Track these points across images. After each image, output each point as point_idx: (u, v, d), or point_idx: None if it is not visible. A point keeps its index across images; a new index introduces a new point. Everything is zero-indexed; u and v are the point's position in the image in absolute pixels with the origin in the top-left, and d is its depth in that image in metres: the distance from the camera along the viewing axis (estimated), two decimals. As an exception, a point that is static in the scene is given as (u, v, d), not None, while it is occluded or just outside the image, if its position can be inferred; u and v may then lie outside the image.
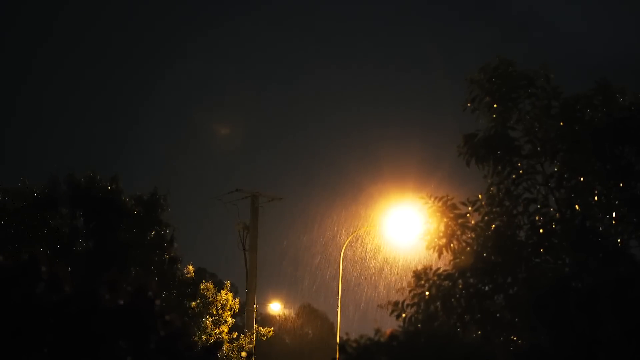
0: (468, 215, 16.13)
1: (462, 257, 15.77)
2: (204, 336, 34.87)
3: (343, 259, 41.33)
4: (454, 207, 16.10)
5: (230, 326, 36.91)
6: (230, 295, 36.84)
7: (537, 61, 16.95)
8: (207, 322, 35.58)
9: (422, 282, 15.63)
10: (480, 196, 16.24)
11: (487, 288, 15.59)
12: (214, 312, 36.14)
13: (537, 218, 15.95)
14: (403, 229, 38.94)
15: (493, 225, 15.94)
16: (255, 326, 38.67)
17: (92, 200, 31.14)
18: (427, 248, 16.23)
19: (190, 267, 34.44)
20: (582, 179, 16.22)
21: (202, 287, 35.67)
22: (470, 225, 16.04)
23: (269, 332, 38.81)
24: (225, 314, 36.37)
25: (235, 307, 37.40)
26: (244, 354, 36.19)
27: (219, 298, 36.28)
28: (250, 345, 37.52)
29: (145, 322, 9.02)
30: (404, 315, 15.62)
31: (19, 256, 8.74)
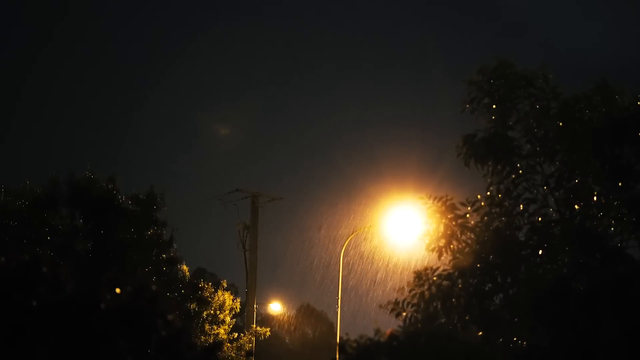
0: (468, 215, 16.16)
1: (462, 257, 15.80)
2: (202, 337, 34.80)
3: (343, 259, 41.36)
4: (453, 207, 16.13)
5: (231, 326, 36.84)
6: (227, 294, 36.72)
7: (535, 63, 17.01)
8: (205, 322, 35.47)
9: (422, 281, 15.67)
10: (479, 196, 16.27)
11: (487, 288, 15.62)
12: (211, 312, 36.07)
13: (536, 218, 15.99)
14: (403, 229, 38.93)
15: (493, 226, 15.97)
16: (253, 326, 38.64)
17: (90, 201, 31.14)
18: (427, 248, 16.26)
19: (185, 267, 34.31)
20: (581, 179, 16.25)
21: (204, 289, 35.59)
22: (469, 225, 16.06)
23: (266, 331, 38.79)
24: (223, 314, 36.28)
25: (237, 307, 37.33)
26: (243, 353, 36.17)
27: (216, 298, 36.20)
28: (250, 345, 37.51)
29: (146, 322, 9.04)
30: (404, 314, 15.65)
31: (21, 257, 8.76)
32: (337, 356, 11.67)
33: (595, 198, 16.14)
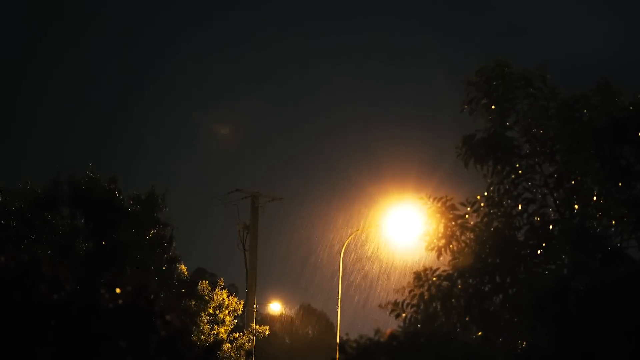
0: (467, 215, 16.16)
1: (461, 258, 15.80)
2: (202, 336, 34.82)
3: (343, 258, 41.37)
4: (453, 207, 16.13)
5: (232, 327, 36.84)
6: (225, 293, 36.70)
7: (534, 63, 17.03)
8: (204, 321, 35.48)
9: (422, 282, 15.67)
10: (479, 197, 16.27)
11: (486, 288, 15.62)
12: (211, 312, 36.08)
13: (536, 218, 15.99)
14: (403, 229, 38.95)
15: (492, 226, 15.97)
16: (252, 324, 38.65)
17: (91, 201, 31.18)
18: (427, 249, 16.27)
19: (183, 267, 34.34)
20: (581, 179, 16.25)
21: (199, 286, 35.61)
22: (469, 225, 16.07)
23: (265, 330, 38.81)
24: (222, 314, 36.27)
25: (239, 308, 37.33)
26: (243, 353, 36.16)
27: (215, 297, 36.18)
28: (250, 344, 37.51)
29: (146, 322, 9.04)
30: (403, 315, 15.65)
31: (21, 257, 8.77)
32: (337, 356, 11.66)
33: (595, 198, 16.14)
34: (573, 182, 16.24)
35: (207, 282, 36.57)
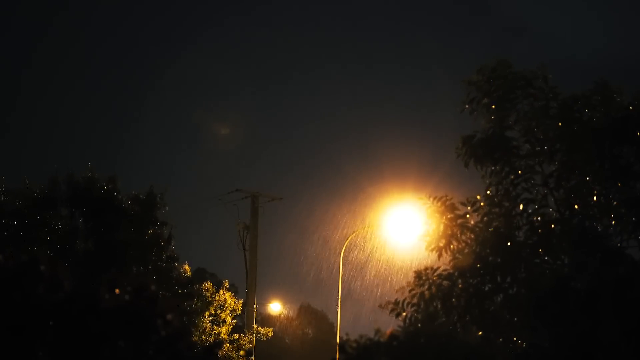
0: (467, 215, 16.15)
1: (462, 258, 15.80)
2: (203, 336, 34.81)
3: (343, 259, 41.36)
4: (453, 207, 16.12)
5: (231, 327, 36.82)
6: (228, 294, 36.72)
7: (533, 63, 17.01)
8: (206, 322, 35.47)
9: (422, 281, 15.66)
10: (479, 197, 16.26)
11: (486, 288, 15.62)
12: (213, 312, 36.07)
13: (535, 218, 15.98)
14: (403, 229, 38.92)
15: (492, 226, 15.96)
16: (255, 326, 38.65)
17: (90, 201, 31.15)
18: (427, 248, 16.26)
19: (187, 267, 34.33)
20: (580, 179, 16.24)
21: (202, 286, 35.60)
22: (469, 225, 16.05)
23: (269, 332, 38.78)
24: (224, 314, 36.28)
25: (238, 308, 37.31)
26: (242, 352, 36.14)
27: (217, 298, 36.19)
28: (250, 345, 37.50)
29: (146, 322, 9.03)
30: (403, 314, 15.65)
31: (20, 256, 8.76)
32: (337, 356, 11.65)
33: (595, 198, 16.14)
34: (573, 182, 16.24)
35: (211, 284, 36.57)
